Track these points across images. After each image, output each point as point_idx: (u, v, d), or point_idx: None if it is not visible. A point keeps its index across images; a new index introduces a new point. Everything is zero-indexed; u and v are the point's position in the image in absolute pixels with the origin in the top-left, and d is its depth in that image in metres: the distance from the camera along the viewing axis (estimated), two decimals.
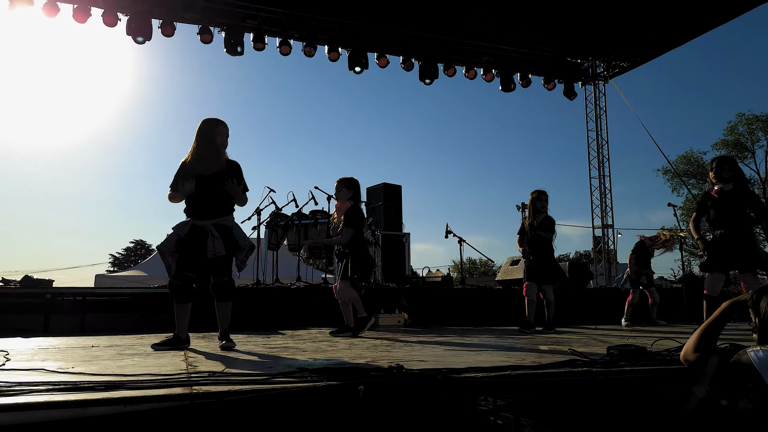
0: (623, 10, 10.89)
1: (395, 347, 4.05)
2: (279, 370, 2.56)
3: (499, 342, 4.63)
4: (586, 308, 8.75)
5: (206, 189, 4.01)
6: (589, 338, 5.11)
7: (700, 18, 10.82)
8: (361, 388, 2.13)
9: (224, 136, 4.16)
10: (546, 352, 3.61)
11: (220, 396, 1.89)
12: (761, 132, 30.54)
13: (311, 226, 8.52)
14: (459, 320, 7.81)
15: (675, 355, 3.18)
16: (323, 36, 11.09)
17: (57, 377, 2.31)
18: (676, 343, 3.87)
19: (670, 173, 32.35)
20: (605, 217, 13.26)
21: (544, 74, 12.73)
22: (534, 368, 2.56)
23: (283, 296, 7.34)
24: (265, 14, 10.74)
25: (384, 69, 11.41)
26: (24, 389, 1.89)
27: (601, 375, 2.63)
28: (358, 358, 3.19)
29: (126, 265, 47.41)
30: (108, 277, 18.62)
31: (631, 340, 4.48)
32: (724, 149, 31.39)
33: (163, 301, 6.50)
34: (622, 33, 11.97)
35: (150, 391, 1.91)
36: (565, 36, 12.23)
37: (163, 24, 10.33)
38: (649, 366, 2.86)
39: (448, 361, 2.98)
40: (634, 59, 12.81)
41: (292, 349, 3.96)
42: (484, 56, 12.08)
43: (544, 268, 6.48)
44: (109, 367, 2.77)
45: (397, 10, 10.89)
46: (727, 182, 5.25)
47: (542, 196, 6.63)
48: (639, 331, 6.41)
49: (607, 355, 3.11)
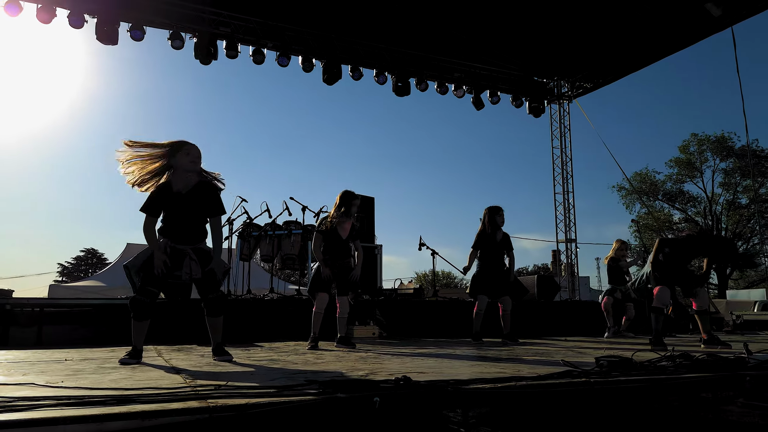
0: (587, 34, 11.40)
1: (385, 360, 4.04)
2: (283, 383, 2.52)
3: (482, 354, 4.67)
4: (554, 320, 8.94)
5: (183, 213, 3.98)
6: (567, 349, 5.21)
7: (657, 45, 11.38)
8: (376, 399, 2.12)
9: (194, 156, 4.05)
10: (536, 363, 3.67)
11: (242, 409, 1.85)
12: (710, 153, 32.00)
13: (285, 237, 8.44)
14: (432, 332, 7.86)
15: (660, 365, 3.29)
16: (297, 46, 11.08)
17: (53, 392, 2.22)
18: (655, 354, 4.00)
19: (624, 190, 33.50)
20: (569, 232, 13.60)
21: (512, 92, 13.05)
22: (537, 379, 2.60)
23: (258, 308, 7.22)
24: (238, 22, 10.66)
25: (358, 81, 11.47)
26: (30, 404, 1.81)
27: (598, 385, 2.69)
28: (354, 371, 3.17)
29: (76, 275, 45.74)
30: (63, 287, 17.88)
31: (608, 351, 4.59)
32: (677, 167, 32.74)
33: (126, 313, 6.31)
34: (586, 56, 12.44)
35: (166, 404, 1.86)
36: (532, 56, 12.60)
37: (132, 28, 10.13)
38: (641, 376, 2.94)
39: (447, 373, 2.99)
40: (596, 81, 13.28)
41: (280, 361, 3.90)
42: (456, 72, 12.31)
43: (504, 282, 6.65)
44: (100, 381, 2.67)
45: (371, 23, 11.00)
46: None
47: (501, 212, 6.78)
48: (611, 342, 6.58)
49: (597, 366, 3.20)
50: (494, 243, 6.66)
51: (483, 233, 6.69)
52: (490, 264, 6.65)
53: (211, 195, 4.06)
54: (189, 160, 3.99)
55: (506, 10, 10.67)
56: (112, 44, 9.97)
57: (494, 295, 6.62)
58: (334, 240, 5.59)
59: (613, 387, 2.73)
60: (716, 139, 31.57)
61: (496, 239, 6.67)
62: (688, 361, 3.37)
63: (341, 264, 5.58)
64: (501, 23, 11.11)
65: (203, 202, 4.03)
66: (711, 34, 10.29)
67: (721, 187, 32.26)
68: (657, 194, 33.17)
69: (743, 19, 9.83)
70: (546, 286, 9.77)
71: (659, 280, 5.59)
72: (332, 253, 5.58)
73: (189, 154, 4.00)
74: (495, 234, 6.67)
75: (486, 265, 6.66)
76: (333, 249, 5.59)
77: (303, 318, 6.89)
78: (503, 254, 6.72)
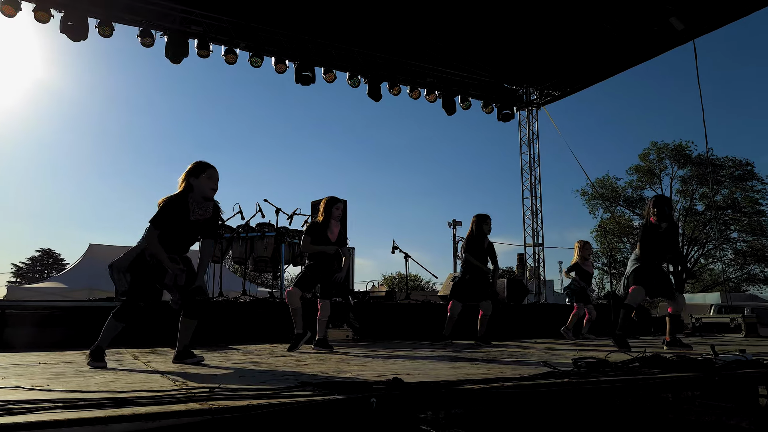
0: (555, 43, 11.74)
1: (367, 362, 4.08)
2: (274, 384, 2.53)
3: (460, 355, 4.76)
4: (522, 323, 9.11)
5: (188, 232, 3.98)
6: (540, 351, 5.34)
7: (623, 56, 11.76)
8: (373, 400, 2.16)
9: (214, 181, 4.03)
10: (516, 364, 3.77)
11: (246, 410, 1.86)
12: (669, 160, 33.10)
13: (258, 239, 8.38)
14: (405, 335, 7.91)
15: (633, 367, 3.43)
16: (270, 47, 11.03)
17: (44, 395, 2.18)
18: (627, 356, 4.14)
19: (587, 195, 34.35)
20: (536, 236, 13.89)
21: (483, 98, 13.27)
22: (523, 379, 2.68)
23: (231, 311, 7.15)
24: (210, 21, 10.55)
25: (331, 84, 11.49)
26: (28, 407, 1.79)
27: (579, 385, 2.79)
28: (340, 373, 3.20)
29: (31, 276, 44.22)
30: (23, 288, 17.25)
31: (581, 353, 4.73)
32: (636, 174, 33.75)
33: (94, 316, 6.20)
34: (554, 64, 12.77)
35: (167, 407, 1.86)
36: (502, 63, 12.85)
37: (101, 24, 9.91)
38: (617, 376, 3.06)
39: (433, 374, 3.05)
40: (564, 89, 13.62)
41: (262, 364, 3.89)
42: (428, 77, 12.44)
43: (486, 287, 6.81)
44: (86, 384, 2.64)
45: (345, 26, 11.04)
46: (665, 220, 5.81)
47: (489, 220, 6.95)
48: (580, 345, 6.76)
49: (576, 367, 3.31)
50: (481, 249, 6.85)
51: (471, 239, 6.85)
52: (475, 269, 6.80)
53: (214, 219, 4.09)
54: (210, 187, 3.97)
55: (478, 18, 10.87)
56: (81, 39, 9.75)
57: (474, 300, 6.77)
58: (323, 243, 5.64)
59: (593, 387, 2.84)
60: (674, 148, 32.70)
61: (483, 246, 6.85)
62: (660, 362, 3.51)
63: (326, 268, 5.61)
64: (473, 30, 11.31)
65: (206, 226, 4.05)
66: (674, 46, 10.69)
67: (678, 194, 33.41)
68: (618, 200, 34.14)
69: (704, 33, 10.24)
70: (515, 289, 9.96)
71: (637, 280, 5.77)
72: (317, 257, 5.64)
73: (211, 178, 3.97)
74: (482, 241, 6.84)
75: (471, 270, 6.80)
76: (318, 254, 5.64)
77: (276, 320, 6.87)
78: (487, 261, 6.91)
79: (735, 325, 9.35)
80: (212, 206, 4.03)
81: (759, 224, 31.18)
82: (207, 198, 3.97)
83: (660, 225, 5.79)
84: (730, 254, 32.29)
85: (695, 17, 10.00)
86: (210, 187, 3.96)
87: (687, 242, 31.74)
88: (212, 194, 3.99)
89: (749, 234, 31.73)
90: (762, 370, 3.49)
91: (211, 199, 4.01)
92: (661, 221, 5.80)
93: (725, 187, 31.92)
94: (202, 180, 3.93)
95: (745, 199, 31.64)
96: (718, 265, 33.22)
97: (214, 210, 4.06)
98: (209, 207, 4.00)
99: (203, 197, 3.96)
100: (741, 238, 32.27)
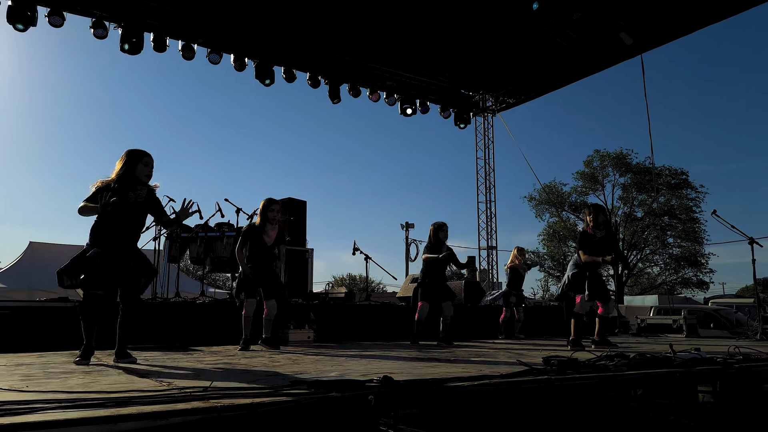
0: (511, 54, 12.17)
1: (344, 361, 4.10)
2: (266, 384, 2.53)
3: (430, 355, 4.83)
4: (479, 324, 9.32)
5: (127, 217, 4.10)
6: (502, 350, 5.49)
7: (575, 68, 12.23)
8: (371, 398, 2.20)
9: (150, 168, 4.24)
10: (490, 363, 3.87)
11: (252, 408, 1.86)
12: (611, 167, 34.48)
13: (217, 239, 8.22)
14: (366, 335, 7.94)
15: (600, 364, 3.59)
16: (229, 44, 10.84)
17: (32, 396, 2.11)
18: (590, 354, 4.33)
19: (534, 200, 35.37)
20: (490, 239, 14.21)
21: (441, 102, 13.47)
22: (508, 376, 2.78)
23: (190, 312, 6.99)
24: (167, 15, 10.27)
25: (291, 84, 11.41)
26: (31, 407, 1.73)
27: (558, 381, 2.91)
28: (323, 373, 3.21)
29: None
30: None
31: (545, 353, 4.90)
32: (582, 180, 35.00)
33: (48, 316, 5.97)
34: (510, 73, 13.16)
35: (173, 405, 1.84)
36: (460, 69, 13.11)
37: (51, 13, 9.50)
38: (589, 373, 3.21)
39: (416, 373, 3.11)
40: (519, 97, 14.00)
41: (237, 364, 3.85)
42: (388, 81, 12.53)
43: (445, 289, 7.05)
44: (67, 385, 2.55)
45: (304, 27, 11.00)
46: (601, 228, 6.15)
47: (445, 228, 7.17)
48: (536, 345, 6.98)
49: (548, 365, 3.44)
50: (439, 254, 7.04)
51: (430, 246, 7.14)
52: (435, 274, 7.02)
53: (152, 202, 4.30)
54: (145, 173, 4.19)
55: (438, 25, 11.06)
56: (30, 26, 9.31)
57: (436, 302, 6.95)
58: (259, 246, 5.81)
59: (569, 383, 2.96)
60: (616, 156, 34.12)
61: (441, 252, 7.05)
62: (626, 360, 3.69)
63: (266, 269, 5.77)
64: (433, 36, 11.50)
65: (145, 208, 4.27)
66: (624, 59, 11.18)
67: (620, 201, 34.89)
68: (563, 205, 35.32)
69: (652, 48, 10.78)
70: (472, 291, 10.17)
71: (577, 288, 6.12)
72: (256, 259, 5.78)
73: (147, 165, 4.19)
74: (440, 247, 7.04)
75: (430, 274, 7.01)
76: (257, 255, 5.80)
77: (235, 322, 6.77)
78: (446, 267, 7.22)
79: (677, 326, 9.87)
80: (146, 191, 4.21)
81: (693, 230, 32.92)
82: (142, 183, 4.17)
83: (595, 233, 6.11)
84: (666, 258, 33.95)
85: (643, 33, 10.51)
86: (145, 174, 4.18)
87: (627, 247, 33.11)
88: (147, 180, 4.20)
89: (684, 240, 33.45)
90: (716, 367, 3.72)
91: (146, 184, 4.21)
92: (597, 229, 6.10)
93: (662, 194, 33.54)
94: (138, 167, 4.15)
95: (680, 207, 33.33)
96: (655, 269, 34.89)
97: (148, 194, 4.23)
98: (143, 191, 4.18)
99: (138, 183, 4.14)
100: (676, 244, 33.98)
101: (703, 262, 33.28)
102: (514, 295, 8.98)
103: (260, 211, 5.90)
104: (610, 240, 6.26)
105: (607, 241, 6.19)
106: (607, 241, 6.18)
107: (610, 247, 6.17)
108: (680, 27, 10.30)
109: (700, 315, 12.99)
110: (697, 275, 33.55)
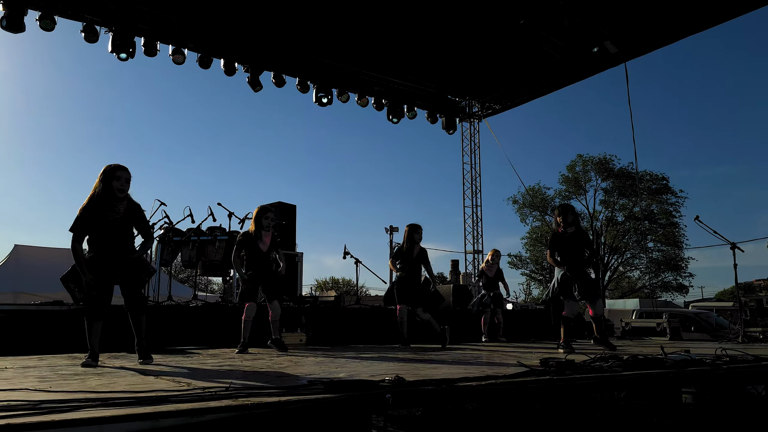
0: (497, 60, 12.37)
1: (346, 363, 4.18)
2: (283, 384, 2.61)
3: (428, 357, 4.93)
4: (468, 327, 9.45)
5: (112, 234, 4.22)
6: (496, 353, 5.62)
7: (560, 75, 12.51)
8: (389, 396, 2.30)
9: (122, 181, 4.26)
10: (489, 364, 3.99)
11: (280, 406, 1.95)
12: (593, 172, 35.02)
13: (209, 243, 8.25)
14: (356, 339, 8.02)
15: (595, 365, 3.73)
16: (219, 49, 10.88)
17: (63, 395, 2.16)
18: (584, 356, 4.47)
19: (518, 204, 35.76)
20: (476, 243, 14.38)
21: (428, 108, 13.65)
22: (513, 377, 2.89)
23: (183, 315, 7.02)
24: (158, 20, 10.28)
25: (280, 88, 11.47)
26: (69, 406, 1.80)
27: (560, 381, 3.04)
28: (331, 374, 3.30)
29: None
30: None
31: (537, 354, 5.03)
32: (565, 185, 35.47)
33: (44, 320, 5.96)
34: (496, 80, 13.38)
35: (205, 403, 1.92)
36: (447, 76, 13.29)
37: (42, 17, 9.46)
38: (588, 374, 3.34)
39: (422, 374, 3.21)
40: (505, 103, 14.23)
41: (242, 366, 3.91)
42: (376, 86, 12.66)
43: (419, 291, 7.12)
44: (88, 385, 2.61)
45: (294, 32, 11.07)
46: (570, 226, 6.28)
47: (420, 230, 7.27)
48: (527, 347, 7.12)
49: (546, 366, 3.56)
50: (411, 257, 7.14)
51: (400, 247, 7.27)
52: (407, 276, 7.11)
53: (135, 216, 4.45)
54: (117, 188, 4.20)
55: (425, 31, 11.21)
56: (18, 31, 9.27)
57: (412, 305, 7.06)
58: (255, 253, 5.89)
59: (570, 383, 3.09)
60: (599, 161, 34.66)
61: (413, 254, 7.13)
62: (620, 361, 3.83)
63: (265, 273, 5.86)
64: (420, 43, 11.65)
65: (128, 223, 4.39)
66: (608, 67, 11.45)
67: (602, 205, 35.42)
68: (547, 209, 35.74)
69: (636, 56, 11.06)
70: (461, 295, 10.31)
71: (566, 292, 6.21)
72: (254, 265, 5.86)
73: (118, 179, 4.21)
74: (413, 248, 7.12)
75: (403, 276, 7.11)
76: (254, 262, 5.88)
77: (228, 325, 6.81)
78: (420, 267, 7.22)
79: (660, 329, 10.12)
80: (125, 205, 4.28)
81: (673, 235, 33.53)
82: (119, 199, 4.22)
83: (566, 231, 6.26)
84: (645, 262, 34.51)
85: (628, 42, 10.78)
86: (117, 188, 4.19)
87: (608, 251, 33.62)
88: (120, 195, 4.21)
89: (664, 244, 34.05)
90: (706, 368, 3.89)
91: (121, 199, 4.25)
92: (566, 227, 6.26)
93: (643, 199, 34.13)
94: (112, 182, 4.19)
95: (660, 211, 33.94)
96: (636, 273, 35.46)
97: (128, 208, 4.30)
98: (122, 207, 4.25)
99: (114, 200, 4.20)
100: (656, 248, 34.57)
101: (683, 266, 33.92)
102: (488, 296, 9.18)
103: (254, 218, 5.97)
104: (580, 236, 6.37)
105: (578, 238, 6.30)
106: (577, 238, 6.29)
107: (581, 243, 6.30)
108: (663, 36, 10.59)
109: (681, 318, 13.29)
110: (676, 279, 34.17)
